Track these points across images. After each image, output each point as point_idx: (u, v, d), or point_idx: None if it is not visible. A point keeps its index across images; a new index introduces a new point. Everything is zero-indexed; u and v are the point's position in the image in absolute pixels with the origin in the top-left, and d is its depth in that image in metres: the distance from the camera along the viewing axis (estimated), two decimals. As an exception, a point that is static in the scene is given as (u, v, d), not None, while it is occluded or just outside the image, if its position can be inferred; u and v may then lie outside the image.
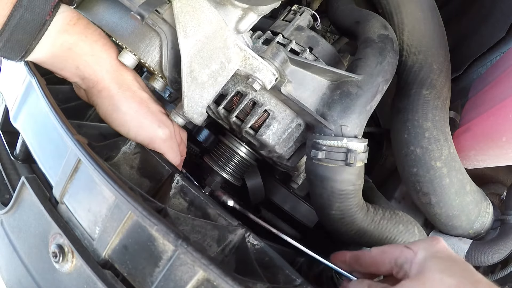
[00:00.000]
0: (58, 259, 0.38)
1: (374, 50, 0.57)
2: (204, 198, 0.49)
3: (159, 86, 0.56)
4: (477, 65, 0.73)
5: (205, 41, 0.48)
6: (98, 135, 0.52)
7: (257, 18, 0.52)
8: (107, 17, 0.53)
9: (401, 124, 0.62)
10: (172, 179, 0.51)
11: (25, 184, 0.42)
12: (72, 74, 0.50)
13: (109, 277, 0.35)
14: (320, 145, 0.53)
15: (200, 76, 0.50)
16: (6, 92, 0.53)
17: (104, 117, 0.52)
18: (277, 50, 0.52)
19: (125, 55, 0.51)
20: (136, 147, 0.53)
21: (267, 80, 0.50)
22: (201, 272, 0.31)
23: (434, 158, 0.59)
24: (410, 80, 0.63)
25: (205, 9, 0.48)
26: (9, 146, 0.60)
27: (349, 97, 0.54)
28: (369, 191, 0.72)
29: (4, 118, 0.59)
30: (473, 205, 0.63)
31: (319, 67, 0.54)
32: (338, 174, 0.53)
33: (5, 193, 0.59)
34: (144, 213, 0.32)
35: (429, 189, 0.61)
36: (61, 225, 0.39)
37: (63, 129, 0.38)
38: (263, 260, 0.46)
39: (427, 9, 0.66)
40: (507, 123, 0.54)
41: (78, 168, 0.38)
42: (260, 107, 0.55)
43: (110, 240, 0.35)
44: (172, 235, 0.32)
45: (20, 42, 0.44)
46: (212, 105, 0.56)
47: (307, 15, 0.66)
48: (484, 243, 0.65)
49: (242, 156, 0.66)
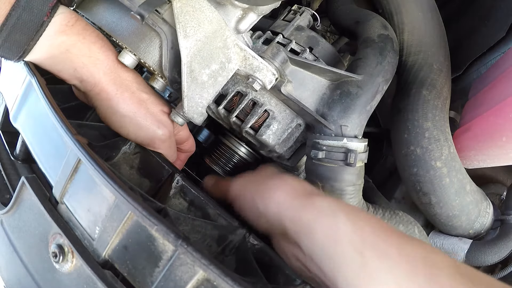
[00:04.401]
0: (58, 259, 0.37)
1: (374, 50, 0.57)
2: (204, 198, 0.49)
3: (159, 86, 0.56)
4: (477, 65, 0.73)
5: (205, 41, 0.48)
6: (98, 135, 0.52)
7: (257, 18, 0.52)
8: (107, 17, 0.52)
9: (401, 124, 0.62)
10: (172, 179, 0.51)
11: (25, 184, 0.42)
12: (70, 76, 0.49)
13: (109, 277, 0.35)
14: (320, 145, 0.53)
15: (200, 76, 0.50)
16: (6, 92, 0.53)
17: (103, 119, 0.52)
18: (277, 50, 0.52)
19: (125, 55, 0.51)
20: (136, 147, 0.53)
21: (267, 80, 0.50)
22: (201, 272, 0.31)
23: (434, 158, 0.59)
24: (410, 80, 0.63)
25: (205, 9, 0.48)
26: (9, 146, 0.60)
27: (349, 97, 0.54)
28: (369, 191, 0.72)
29: (4, 118, 0.59)
30: (473, 205, 0.63)
31: (319, 67, 0.54)
32: (338, 174, 0.53)
33: (5, 193, 0.59)
34: (144, 213, 0.32)
35: (429, 189, 0.61)
36: (61, 225, 0.39)
37: (63, 129, 0.38)
38: (263, 260, 0.46)
39: (427, 9, 0.66)
40: (507, 123, 0.54)
41: (78, 168, 0.38)
42: (260, 107, 0.55)
43: (110, 240, 0.35)
44: (172, 235, 0.32)
45: (18, 42, 0.44)
46: (212, 105, 0.56)
47: (307, 15, 0.66)
48: (484, 243, 0.65)
49: (242, 156, 0.66)
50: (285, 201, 0.43)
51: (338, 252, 0.37)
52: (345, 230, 0.38)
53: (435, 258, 0.35)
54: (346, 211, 0.40)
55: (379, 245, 0.36)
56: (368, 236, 0.37)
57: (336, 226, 0.38)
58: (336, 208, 0.40)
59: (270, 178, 0.48)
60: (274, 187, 0.46)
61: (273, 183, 0.47)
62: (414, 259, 0.35)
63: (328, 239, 0.38)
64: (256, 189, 0.47)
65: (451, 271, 0.34)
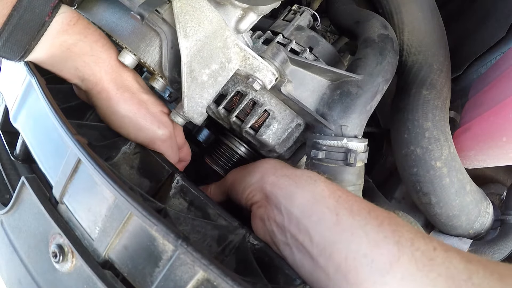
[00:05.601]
0: (58, 259, 0.37)
1: (374, 50, 0.57)
2: (204, 198, 0.49)
3: (159, 86, 0.56)
4: (477, 65, 0.73)
5: (205, 41, 0.48)
6: (98, 135, 0.52)
7: (257, 18, 0.52)
8: (107, 17, 0.52)
9: (401, 124, 0.62)
10: (172, 179, 0.51)
11: (25, 184, 0.42)
12: (72, 75, 0.49)
13: (109, 277, 0.35)
14: (320, 145, 0.53)
15: (200, 76, 0.50)
16: (6, 92, 0.53)
17: (103, 118, 0.52)
18: (277, 50, 0.52)
19: (125, 55, 0.51)
20: (136, 147, 0.53)
21: (267, 80, 0.50)
22: (201, 272, 0.31)
23: (434, 158, 0.59)
24: (410, 80, 0.63)
25: (205, 9, 0.48)
26: (9, 146, 0.60)
27: (349, 97, 0.54)
28: (369, 191, 0.72)
29: (4, 118, 0.59)
30: (473, 205, 0.63)
31: (319, 67, 0.54)
32: (338, 174, 0.53)
33: (5, 193, 0.59)
34: (144, 213, 0.32)
35: (429, 189, 0.61)
36: (61, 225, 0.39)
37: (63, 129, 0.38)
38: (263, 260, 0.46)
39: (427, 9, 0.66)
40: (507, 123, 0.54)
41: (78, 168, 0.38)
42: (260, 107, 0.55)
43: (110, 240, 0.35)
44: (172, 235, 0.32)
45: (20, 42, 0.44)
46: (212, 105, 0.56)
47: (307, 15, 0.66)
48: (484, 243, 0.65)
49: (242, 156, 0.66)
50: (269, 170, 0.50)
51: (315, 212, 0.42)
52: (323, 195, 0.43)
53: (398, 220, 0.41)
54: (324, 181, 0.46)
55: (352, 207, 0.42)
56: (343, 201, 0.43)
57: (315, 191, 0.44)
58: (316, 178, 0.46)
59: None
60: (262, 161, 0.53)
61: (263, 159, 0.54)
62: (381, 218, 0.40)
63: (307, 201, 0.43)
64: (248, 167, 0.53)
65: (411, 228, 0.40)
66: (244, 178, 0.51)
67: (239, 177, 0.53)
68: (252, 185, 0.49)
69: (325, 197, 0.43)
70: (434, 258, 0.36)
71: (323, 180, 0.46)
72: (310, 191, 0.44)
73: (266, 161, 0.53)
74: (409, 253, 0.37)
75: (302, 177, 0.47)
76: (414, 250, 0.37)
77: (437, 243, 0.38)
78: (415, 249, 0.37)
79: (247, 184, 0.50)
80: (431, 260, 0.36)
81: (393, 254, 0.37)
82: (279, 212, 0.45)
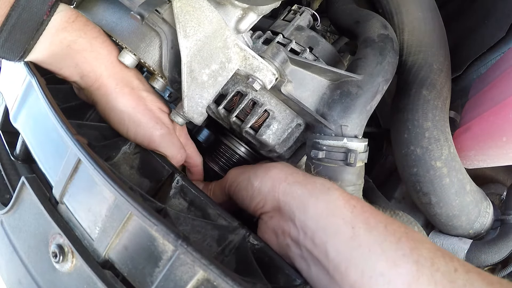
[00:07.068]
0: (58, 259, 0.37)
1: (374, 50, 0.57)
2: (204, 198, 0.49)
3: (159, 86, 0.56)
4: (477, 65, 0.73)
5: (205, 41, 0.48)
6: (98, 135, 0.52)
7: (257, 18, 0.52)
8: (107, 17, 0.53)
9: (401, 124, 0.62)
10: (172, 179, 0.51)
11: (25, 184, 0.42)
12: (72, 73, 0.49)
13: (109, 277, 0.35)
14: (320, 145, 0.53)
15: (200, 76, 0.50)
16: (6, 92, 0.53)
17: (103, 115, 0.52)
18: (277, 50, 0.52)
19: (125, 55, 0.51)
20: (136, 147, 0.53)
21: (267, 80, 0.50)
22: (201, 272, 0.31)
23: (434, 158, 0.59)
24: (410, 80, 0.63)
25: (205, 9, 0.48)
26: (9, 146, 0.60)
27: (349, 97, 0.54)
28: (369, 191, 0.72)
29: (4, 118, 0.59)
30: (473, 205, 0.63)
31: (319, 67, 0.54)
32: (338, 174, 0.53)
33: (5, 193, 0.59)
34: (144, 213, 0.32)
35: (429, 189, 0.61)
36: (61, 225, 0.39)
37: (63, 129, 0.38)
38: (263, 260, 0.46)
39: (427, 9, 0.66)
40: (507, 123, 0.54)
41: (78, 168, 0.38)
42: (260, 107, 0.55)
43: (110, 240, 0.35)
44: (172, 235, 0.32)
45: (19, 42, 0.44)
46: (212, 105, 0.56)
47: (307, 15, 0.66)
48: (484, 243, 0.65)
49: (242, 156, 0.66)
50: (280, 177, 0.47)
51: (331, 224, 0.40)
52: (338, 205, 0.41)
53: (416, 235, 0.39)
54: (339, 190, 0.44)
55: (368, 221, 0.40)
56: (358, 212, 0.41)
57: (329, 201, 0.42)
58: (330, 186, 0.44)
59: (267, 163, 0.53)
60: (270, 166, 0.50)
61: (270, 164, 0.51)
62: (399, 234, 0.38)
63: (322, 212, 0.41)
64: (254, 171, 0.50)
65: (430, 246, 0.38)
66: (250, 183, 0.49)
67: (242, 179, 0.51)
68: (262, 193, 0.47)
69: (341, 207, 0.41)
70: (455, 280, 0.34)
71: (336, 188, 0.44)
72: (324, 200, 0.42)
73: (275, 165, 0.50)
74: (428, 274, 0.35)
75: (315, 184, 0.45)
76: (434, 270, 0.35)
77: (458, 263, 0.36)
78: (435, 269, 0.35)
79: (255, 192, 0.48)
80: (452, 282, 0.34)
81: (412, 275, 0.35)
82: (293, 225, 0.43)
